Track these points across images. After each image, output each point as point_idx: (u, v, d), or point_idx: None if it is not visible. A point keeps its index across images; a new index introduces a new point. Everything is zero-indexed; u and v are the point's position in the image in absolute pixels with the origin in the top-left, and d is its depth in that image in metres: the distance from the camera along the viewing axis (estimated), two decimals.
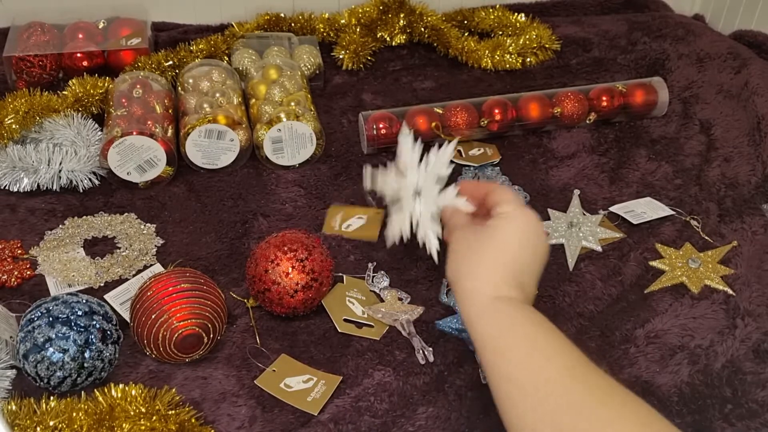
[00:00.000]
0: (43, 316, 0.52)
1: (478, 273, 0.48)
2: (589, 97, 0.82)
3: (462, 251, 0.49)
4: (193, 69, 0.82)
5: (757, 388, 0.55)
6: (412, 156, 0.56)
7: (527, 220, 0.50)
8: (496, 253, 0.48)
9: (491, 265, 0.48)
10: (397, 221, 0.57)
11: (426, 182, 0.55)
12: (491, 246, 0.48)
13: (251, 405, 0.53)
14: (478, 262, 0.48)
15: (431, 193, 0.55)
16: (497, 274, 0.47)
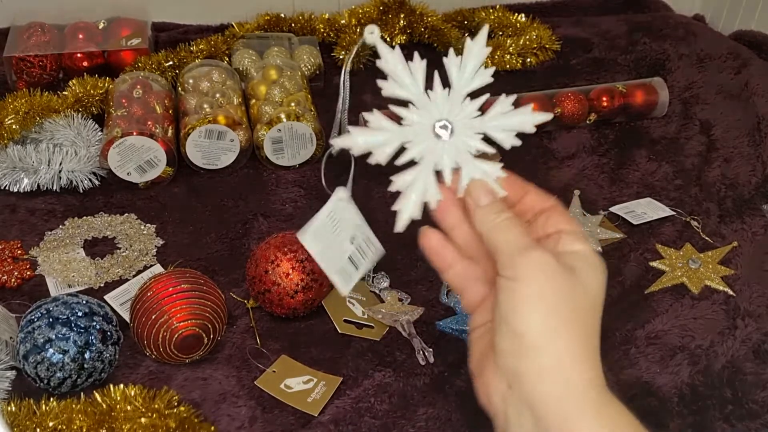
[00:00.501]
0: (43, 317, 0.52)
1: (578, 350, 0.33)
2: (590, 97, 0.82)
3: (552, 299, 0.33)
4: (193, 69, 0.82)
5: (758, 389, 0.55)
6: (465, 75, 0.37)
7: (605, 271, 0.35)
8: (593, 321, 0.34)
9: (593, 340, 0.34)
10: (386, 131, 0.36)
11: (464, 125, 0.37)
12: (587, 307, 0.34)
13: (251, 406, 0.53)
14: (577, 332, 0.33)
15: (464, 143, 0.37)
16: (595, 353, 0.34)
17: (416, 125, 0.36)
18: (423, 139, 0.36)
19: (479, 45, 0.37)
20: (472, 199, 0.36)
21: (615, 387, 0.55)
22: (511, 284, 0.33)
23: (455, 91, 0.37)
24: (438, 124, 0.36)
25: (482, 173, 0.36)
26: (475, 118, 0.37)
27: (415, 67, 0.36)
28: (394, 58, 0.36)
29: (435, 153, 0.36)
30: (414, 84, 0.36)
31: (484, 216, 0.35)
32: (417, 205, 0.36)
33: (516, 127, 0.37)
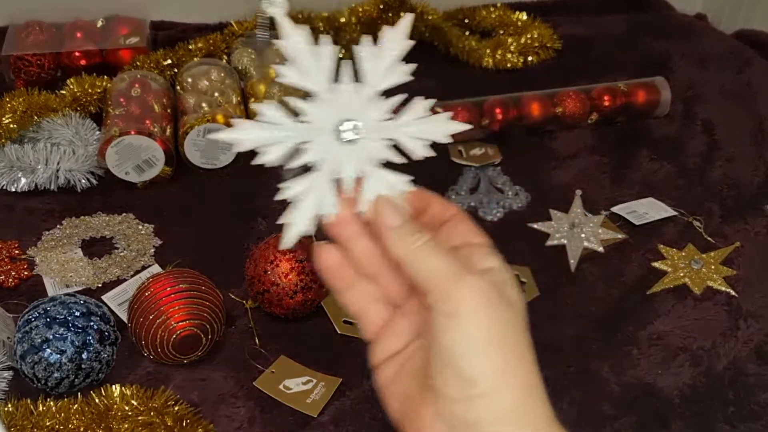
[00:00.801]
0: (41, 317, 0.51)
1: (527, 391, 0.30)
2: (591, 96, 0.82)
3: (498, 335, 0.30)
4: (191, 68, 0.81)
5: (760, 390, 0.55)
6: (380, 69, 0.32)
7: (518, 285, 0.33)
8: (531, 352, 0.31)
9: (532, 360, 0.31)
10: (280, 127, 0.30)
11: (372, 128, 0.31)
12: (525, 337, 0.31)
13: (250, 406, 0.53)
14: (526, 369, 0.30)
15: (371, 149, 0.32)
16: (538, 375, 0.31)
17: (317, 123, 0.30)
18: (324, 140, 0.31)
19: (400, 34, 0.32)
20: (382, 219, 0.31)
21: (617, 388, 0.55)
22: (453, 323, 0.29)
23: (367, 86, 0.31)
24: (343, 124, 0.31)
25: (388, 186, 0.32)
26: (386, 121, 0.32)
27: (322, 53, 0.30)
28: (297, 38, 0.29)
29: (336, 158, 0.31)
30: (319, 73, 0.30)
31: (400, 240, 0.31)
32: (309, 218, 0.31)
33: (431, 135, 0.32)
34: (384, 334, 0.34)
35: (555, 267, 0.65)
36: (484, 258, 0.32)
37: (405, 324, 0.33)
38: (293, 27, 0.29)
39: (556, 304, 0.62)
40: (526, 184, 0.75)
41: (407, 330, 0.33)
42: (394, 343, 0.33)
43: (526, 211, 0.72)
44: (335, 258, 0.33)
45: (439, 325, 0.30)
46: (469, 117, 0.79)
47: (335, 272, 0.33)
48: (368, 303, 0.34)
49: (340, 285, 0.33)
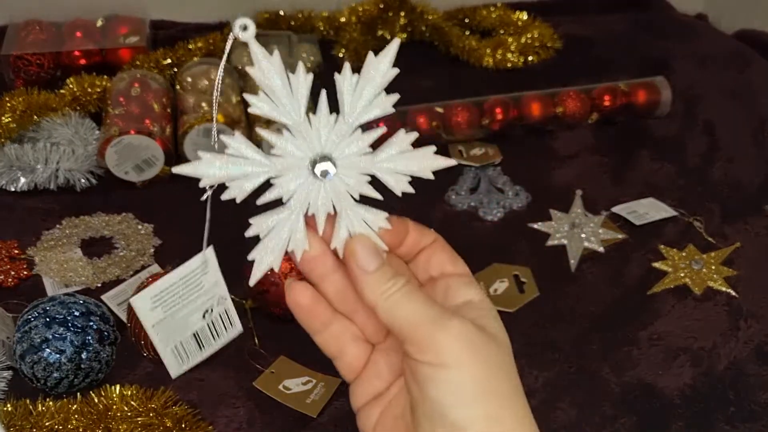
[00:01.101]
0: (40, 317, 0.51)
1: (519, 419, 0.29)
2: (592, 96, 0.82)
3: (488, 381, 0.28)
4: (191, 67, 0.81)
5: (760, 391, 0.55)
6: (361, 102, 0.30)
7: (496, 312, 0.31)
8: (514, 370, 0.30)
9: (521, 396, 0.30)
10: (250, 160, 0.29)
11: (349, 164, 0.30)
12: (516, 377, 0.30)
13: (249, 407, 0.53)
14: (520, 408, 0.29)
15: (347, 185, 0.30)
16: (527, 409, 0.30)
17: (290, 157, 0.29)
18: (296, 175, 0.29)
19: (384, 64, 0.30)
20: (356, 262, 0.30)
21: (617, 389, 0.55)
22: (439, 373, 0.28)
23: (345, 119, 0.29)
24: (318, 159, 0.29)
25: (363, 223, 0.30)
26: (364, 155, 0.30)
27: (297, 82, 0.29)
28: (270, 66, 0.28)
29: (309, 193, 0.29)
30: (293, 104, 0.29)
31: (376, 287, 0.29)
32: (278, 255, 0.30)
33: (414, 171, 0.31)
34: (364, 375, 0.32)
35: (555, 267, 0.65)
36: (463, 289, 0.30)
37: (385, 363, 0.32)
38: (265, 54, 0.28)
39: (556, 305, 0.62)
40: (527, 184, 0.75)
41: (388, 370, 0.32)
42: (375, 385, 0.32)
43: (527, 211, 0.71)
44: (308, 296, 0.31)
45: (423, 375, 0.28)
46: (469, 116, 0.78)
47: (308, 311, 0.31)
48: (345, 343, 0.32)
49: (314, 324, 0.32)
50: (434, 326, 0.28)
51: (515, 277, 0.63)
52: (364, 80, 0.30)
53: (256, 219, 0.30)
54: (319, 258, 0.31)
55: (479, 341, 0.28)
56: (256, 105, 0.29)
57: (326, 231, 0.30)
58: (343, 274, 0.31)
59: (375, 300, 0.29)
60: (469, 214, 0.71)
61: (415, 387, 0.29)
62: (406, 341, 0.29)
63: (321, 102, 0.29)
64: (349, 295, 0.31)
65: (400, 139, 0.31)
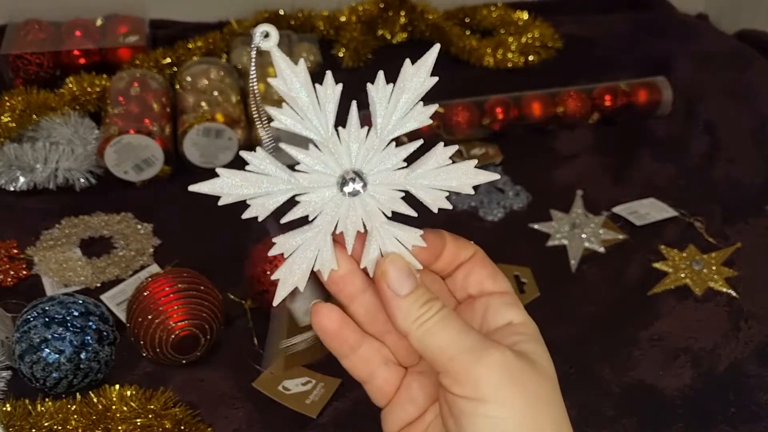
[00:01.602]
0: (39, 317, 0.51)
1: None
2: (592, 96, 0.82)
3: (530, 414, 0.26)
4: (191, 67, 0.81)
5: (761, 392, 0.54)
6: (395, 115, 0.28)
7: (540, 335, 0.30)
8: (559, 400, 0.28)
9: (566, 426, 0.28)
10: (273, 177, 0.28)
11: (381, 180, 0.28)
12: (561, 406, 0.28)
13: (249, 407, 0.53)
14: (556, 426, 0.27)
15: (379, 202, 0.28)
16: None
17: (316, 174, 0.27)
18: (323, 191, 0.27)
19: (422, 73, 0.28)
20: (387, 285, 0.27)
21: (618, 389, 0.55)
22: (477, 408, 0.26)
23: (377, 133, 0.28)
24: (347, 176, 0.27)
25: (396, 242, 0.28)
26: (398, 170, 0.28)
27: (324, 94, 0.27)
28: (294, 78, 0.26)
29: (337, 210, 0.28)
30: (320, 118, 0.27)
31: (409, 313, 0.27)
32: (303, 275, 0.28)
33: (453, 187, 0.29)
34: (397, 401, 0.30)
35: (556, 267, 0.65)
36: (503, 310, 0.29)
37: (419, 388, 0.30)
38: (289, 64, 0.26)
39: (556, 305, 0.61)
40: (527, 184, 0.75)
41: (423, 395, 0.30)
42: (408, 411, 0.30)
43: (527, 211, 0.71)
44: (334, 320, 0.29)
45: (460, 409, 0.26)
46: (470, 116, 0.78)
47: (336, 336, 0.29)
48: (376, 366, 0.30)
49: (343, 349, 0.29)
50: (471, 357, 0.26)
51: (516, 277, 0.63)
52: (400, 90, 0.27)
53: (281, 238, 0.28)
54: (348, 277, 0.29)
55: (520, 373, 0.26)
56: (279, 119, 0.27)
57: (356, 249, 0.28)
58: (373, 294, 0.29)
59: (407, 327, 0.27)
60: (470, 215, 0.71)
61: (452, 421, 0.27)
62: (441, 373, 0.27)
63: (351, 115, 0.27)
64: (379, 316, 0.29)
65: (439, 153, 0.29)
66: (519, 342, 0.28)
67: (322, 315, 0.29)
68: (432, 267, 0.30)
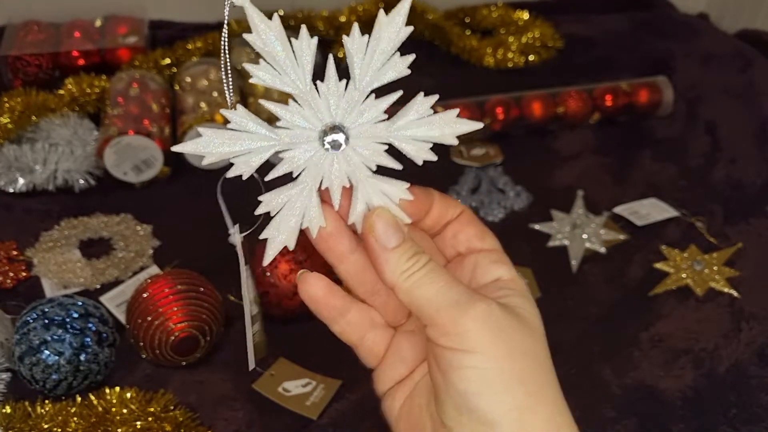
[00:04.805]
0: (39, 319, 0.51)
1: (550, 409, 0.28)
2: (593, 96, 0.82)
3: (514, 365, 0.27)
4: (190, 67, 0.81)
5: (762, 393, 0.54)
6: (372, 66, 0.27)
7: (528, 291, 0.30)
8: (552, 373, 0.29)
9: (554, 385, 0.29)
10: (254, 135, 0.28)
11: (363, 133, 0.28)
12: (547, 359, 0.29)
13: (249, 409, 0.53)
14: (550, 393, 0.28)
15: (362, 155, 0.28)
16: (561, 398, 0.29)
17: (298, 130, 0.27)
18: (306, 147, 0.27)
19: (397, 22, 0.27)
20: (375, 238, 0.28)
21: (619, 390, 0.54)
22: (463, 359, 0.26)
23: (356, 85, 0.27)
24: (329, 129, 0.27)
25: (382, 195, 0.28)
26: (379, 123, 0.28)
27: (300, 48, 0.26)
28: (269, 32, 0.26)
29: (321, 166, 0.28)
30: (298, 72, 0.27)
31: (396, 265, 0.27)
32: (291, 232, 0.28)
33: (435, 137, 0.28)
34: (387, 361, 0.31)
35: (556, 268, 0.65)
36: (491, 267, 0.29)
37: (408, 346, 0.30)
38: (263, 19, 0.26)
39: (557, 306, 0.61)
40: (528, 184, 0.74)
41: (411, 353, 0.30)
42: (398, 370, 0.30)
43: (528, 211, 0.71)
44: (321, 287, 0.29)
45: (446, 361, 0.26)
46: (470, 117, 0.78)
47: (323, 303, 0.30)
48: (365, 329, 0.31)
49: (331, 315, 0.30)
50: (458, 309, 0.26)
51: None
52: (375, 41, 0.27)
53: (267, 196, 0.28)
54: (336, 235, 0.29)
55: (507, 325, 0.27)
56: (256, 75, 0.26)
57: (342, 205, 0.28)
58: (361, 254, 0.29)
59: (395, 280, 0.27)
60: None
61: (439, 374, 0.27)
62: (428, 325, 0.27)
63: (329, 68, 0.27)
64: (367, 276, 0.29)
65: (419, 102, 0.28)
66: (506, 296, 0.28)
67: (310, 283, 0.29)
68: (421, 225, 0.30)
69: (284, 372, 0.55)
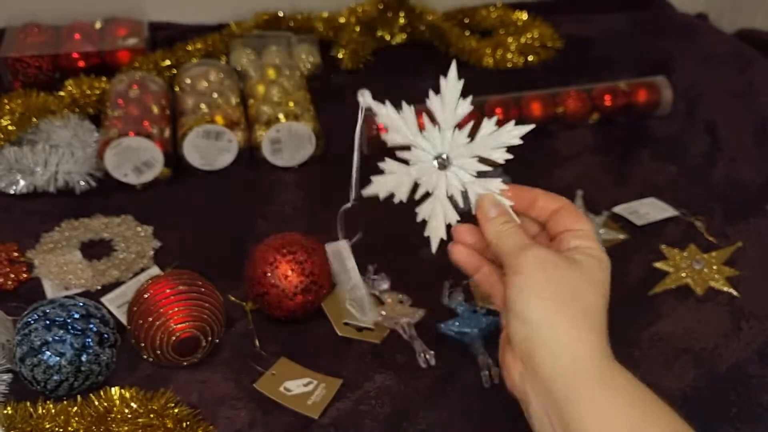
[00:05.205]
0: (40, 320, 0.51)
1: (582, 330, 0.36)
2: (592, 96, 0.82)
3: (548, 290, 0.37)
4: (190, 69, 0.81)
5: (762, 392, 0.54)
6: (448, 111, 0.42)
7: (609, 264, 0.40)
8: (600, 304, 0.38)
9: (596, 321, 0.37)
10: (399, 174, 0.42)
11: (459, 153, 0.42)
12: (592, 294, 0.38)
13: (251, 408, 0.53)
14: (580, 315, 0.37)
15: (464, 168, 0.42)
16: (603, 333, 0.37)
17: (420, 163, 0.42)
18: (430, 173, 0.42)
19: (452, 81, 0.41)
20: (482, 214, 0.42)
21: None
22: (514, 278, 0.38)
23: (443, 126, 0.42)
24: (437, 158, 0.42)
25: (485, 190, 0.42)
26: (467, 144, 0.42)
27: (406, 115, 0.42)
28: (387, 111, 0.42)
29: (443, 182, 0.42)
30: (409, 129, 0.42)
31: (492, 227, 0.41)
32: (442, 228, 0.42)
33: (504, 142, 0.42)
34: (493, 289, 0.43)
35: None
36: (575, 239, 0.40)
37: None
38: (381, 106, 0.42)
39: None
40: (527, 183, 0.74)
41: None
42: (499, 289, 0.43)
43: None
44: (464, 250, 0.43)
45: (508, 283, 0.39)
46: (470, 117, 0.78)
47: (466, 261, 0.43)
48: (494, 282, 0.43)
49: (472, 268, 0.43)
50: (521, 251, 0.39)
51: None
52: (444, 96, 0.42)
53: (419, 209, 0.42)
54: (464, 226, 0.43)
55: (555, 264, 0.38)
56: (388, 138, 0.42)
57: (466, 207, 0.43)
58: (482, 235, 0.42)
59: (491, 237, 0.41)
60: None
61: (506, 295, 0.39)
62: (505, 264, 0.39)
63: (426, 121, 0.42)
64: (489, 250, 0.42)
65: (486, 124, 0.42)
66: (573, 252, 0.39)
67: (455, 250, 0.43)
68: (530, 214, 0.43)
69: (285, 371, 0.55)
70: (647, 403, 0.38)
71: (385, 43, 0.95)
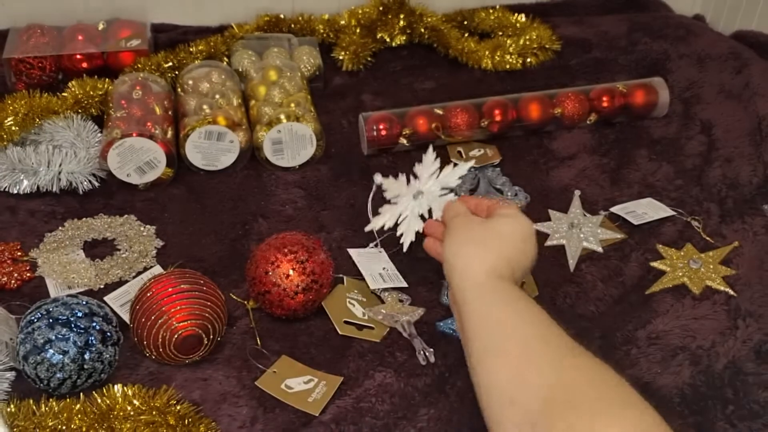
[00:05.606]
0: (43, 318, 0.52)
1: (478, 254, 0.51)
2: (590, 97, 0.82)
3: (464, 234, 0.54)
4: (192, 70, 0.82)
5: (759, 389, 0.55)
6: (428, 168, 0.61)
7: (527, 223, 0.55)
8: (499, 243, 0.52)
9: (492, 251, 0.51)
10: (387, 212, 0.62)
11: (430, 187, 0.61)
12: (494, 236, 0.53)
13: (252, 406, 0.53)
14: (481, 246, 0.52)
15: (432, 195, 0.61)
16: (497, 260, 0.51)
17: (404, 200, 0.61)
18: (409, 203, 0.61)
19: (430, 156, 0.60)
20: (444, 209, 0.60)
21: None
22: (446, 234, 0.55)
23: (422, 180, 0.61)
24: (415, 193, 0.61)
25: (443, 202, 0.61)
26: (435, 180, 0.61)
27: (401, 179, 0.60)
28: (390, 183, 0.59)
29: (416, 207, 0.61)
30: (403, 187, 0.61)
31: (445, 211, 0.59)
32: (412, 234, 0.62)
33: (459, 174, 0.62)
34: None
35: (554, 267, 0.65)
36: (498, 211, 0.55)
37: None
38: (388, 179, 0.59)
39: (555, 304, 0.62)
40: (526, 184, 0.75)
41: None
42: None
43: (525, 211, 0.71)
44: (432, 241, 0.60)
45: (497, 215, 0.55)
46: (469, 118, 0.79)
47: (432, 248, 0.59)
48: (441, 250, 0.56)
49: (436, 252, 0.58)
50: (453, 218, 0.57)
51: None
52: (426, 165, 0.61)
53: (400, 226, 0.62)
54: (431, 227, 0.61)
55: (470, 221, 0.55)
56: (387, 194, 0.60)
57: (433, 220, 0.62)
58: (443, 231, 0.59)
59: (441, 213, 0.60)
60: None
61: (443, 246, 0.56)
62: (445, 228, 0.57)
63: (413, 178, 0.61)
64: None
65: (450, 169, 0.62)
66: (492, 217, 0.55)
67: (427, 242, 0.60)
68: (481, 214, 0.57)
69: (286, 369, 0.56)
70: (525, 307, 0.48)
71: (385, 45, 0.96)
